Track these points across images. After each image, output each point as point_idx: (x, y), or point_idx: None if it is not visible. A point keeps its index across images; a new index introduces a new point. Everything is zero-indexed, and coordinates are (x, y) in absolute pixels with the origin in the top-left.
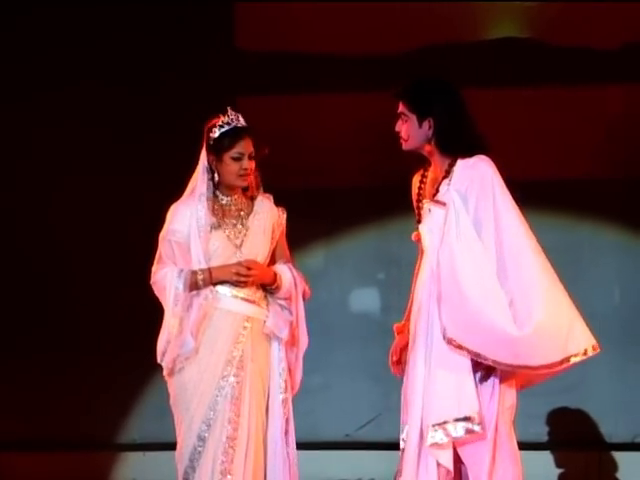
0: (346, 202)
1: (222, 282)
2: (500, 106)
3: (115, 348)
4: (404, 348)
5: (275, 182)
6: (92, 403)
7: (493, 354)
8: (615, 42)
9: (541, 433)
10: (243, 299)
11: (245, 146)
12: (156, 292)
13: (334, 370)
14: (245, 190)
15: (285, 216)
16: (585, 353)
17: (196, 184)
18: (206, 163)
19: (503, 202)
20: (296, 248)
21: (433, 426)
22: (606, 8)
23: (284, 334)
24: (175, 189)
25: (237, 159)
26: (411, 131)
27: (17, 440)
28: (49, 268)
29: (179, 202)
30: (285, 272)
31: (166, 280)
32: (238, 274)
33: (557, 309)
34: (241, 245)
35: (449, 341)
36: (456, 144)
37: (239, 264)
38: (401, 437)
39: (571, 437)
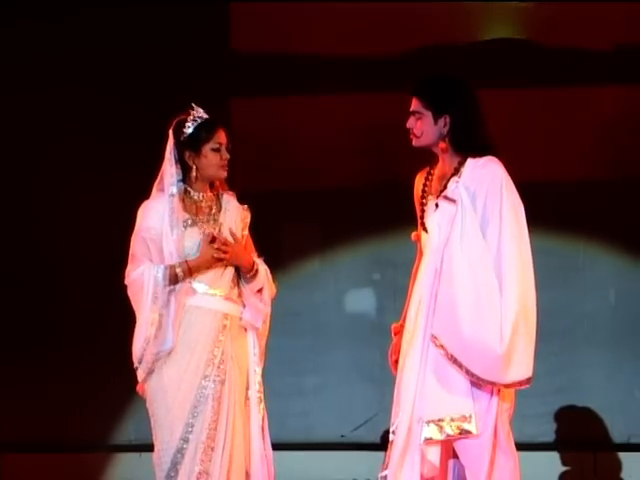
0: (341, 203)
1: (199, 279)
2: (494, 107)
3: (111, 349)
4: None
5: (271, 183)
6: (88, 404)
7: (469, 364)
8: (610, 43)
9: (536, 434)
10: (221, 297)
11: (223, 137)
12: (131, 293)
13: (329, 371)
14: (211, 187)
15: (249, 213)
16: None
17: (164, 184)
18: (174, 162)
19: (508, 205)
20: (291, 249)
21: (428, 422)
22: (601, 9)
23: (259, 324)
24: None
25: (217, 150)
26: (425, 128)
27: (13, 441)
28: (48, 269)
29: (150, 199)
30: (261, 263)
31: (144, 277)
32: (217, 250)
33: (525, 327)
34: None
35: (432, 338)
36: (470, 143)
37: (209, 246)
38: (391, 430)
39: (566, 438)
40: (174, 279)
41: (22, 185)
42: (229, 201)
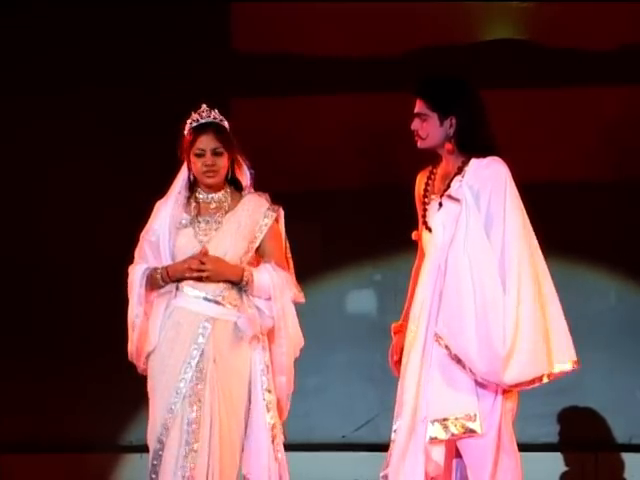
0: (342, 203)
1: (183, 280)
2: (495, 108)
3: (112, 349)
4: (403, 348)
5: (271, 184)
6: (88, 404)
7: (472, 364)
8: (612, 43)
9: (538, 434)
10: (205, 299)
11: (206, 142)
12: (128, 293)
13: (330, 372)
14: (238, 189)
15: (280, 215)
16: (554, 373)
17: (175, 182)
18: (185, 162)
19: (512, 204)
20: (292, 250)
21: (433, 421)
22: (603, 9)
23: (249, 332)
24: None
25: (199, 155)
26: (431, 129)
27: (14, 442)
28: (47, 269)
29: (162, 199)
30: (262, 271)
31: (133, 277)
32: (190, 269)
33: (528, 327)
34: (208, 243)
35: (436, 337)
36: (475, 143)
37: (192, 258)
38: (393, 429)
39: (568, 438)
40: (155, 284)
41: (27, 184)
42: (249, 203)
